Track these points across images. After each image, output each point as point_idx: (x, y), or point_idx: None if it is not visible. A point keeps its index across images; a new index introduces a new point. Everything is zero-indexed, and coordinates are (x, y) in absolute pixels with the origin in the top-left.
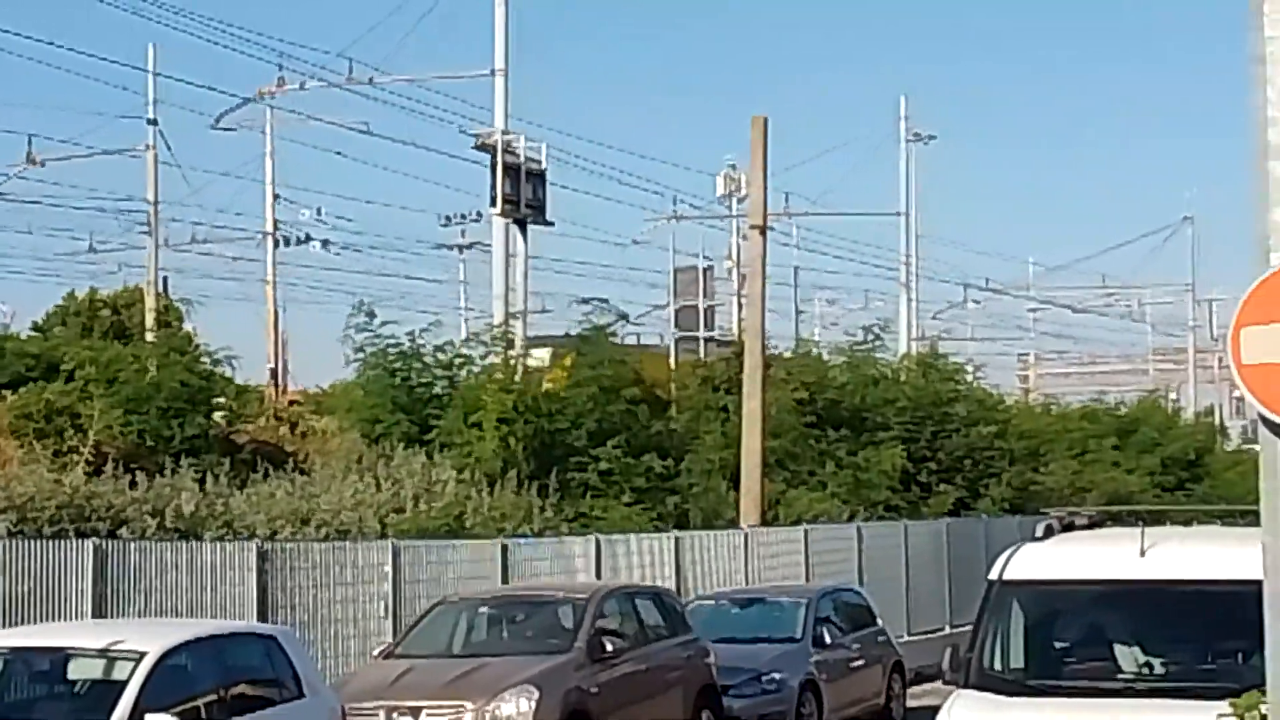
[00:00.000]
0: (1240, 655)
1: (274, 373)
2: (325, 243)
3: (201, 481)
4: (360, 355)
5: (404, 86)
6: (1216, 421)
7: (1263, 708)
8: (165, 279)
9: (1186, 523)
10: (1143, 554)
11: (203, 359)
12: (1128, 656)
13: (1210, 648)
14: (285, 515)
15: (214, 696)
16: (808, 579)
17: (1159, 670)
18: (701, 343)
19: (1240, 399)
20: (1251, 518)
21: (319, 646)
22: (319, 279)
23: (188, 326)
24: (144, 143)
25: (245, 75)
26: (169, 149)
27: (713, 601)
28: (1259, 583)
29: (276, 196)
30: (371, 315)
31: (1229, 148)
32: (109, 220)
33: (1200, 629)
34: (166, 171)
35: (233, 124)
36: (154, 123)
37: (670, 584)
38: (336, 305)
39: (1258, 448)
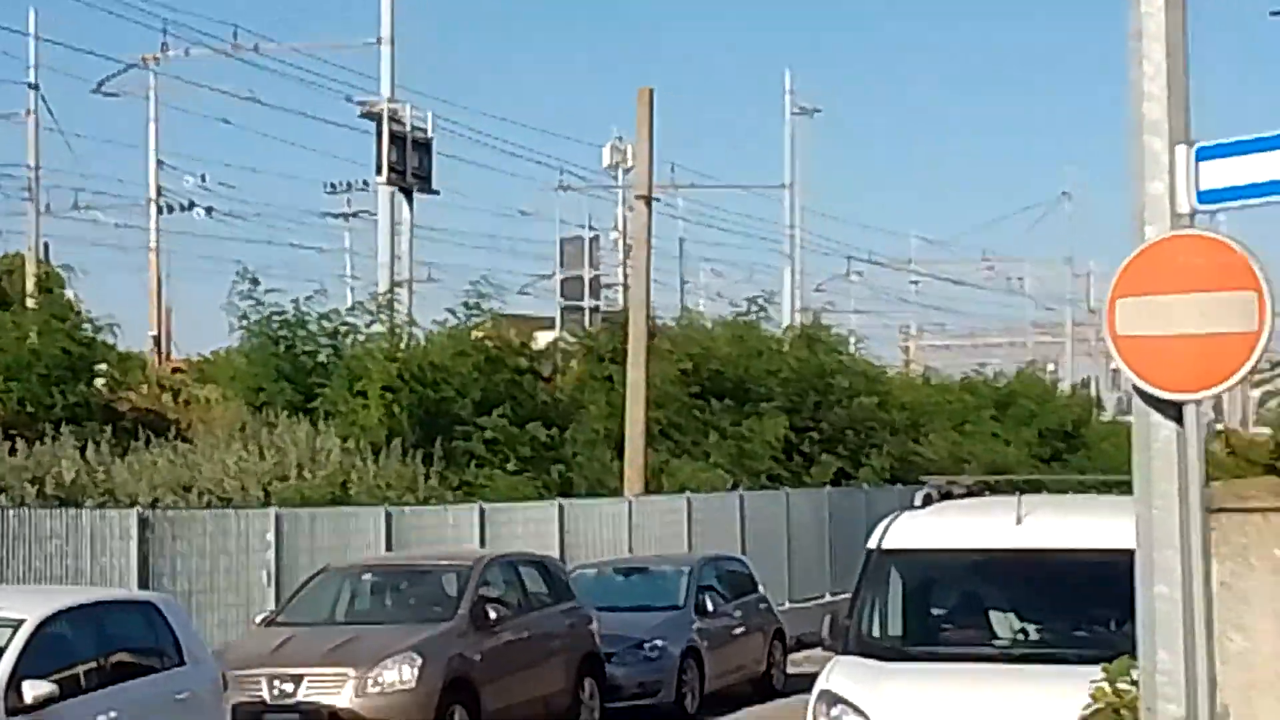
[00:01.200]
0: (1113, 623)
1: (157, 340)
2: (210, 210)
3: (82, 449)
4: (244, 323)
5: (290, 54)
6: (1093, 393)
7: (1133, 673)
8: (46, 245)
9: (1062, 493)
10: (1018, 523)
11: (84, 326)
12: (1003, 623)
13: (1084, 615)
14: (167, 483)
15: (93, 664)
16: (690, 548)
17: (1033, 637)
18: (587, 313)
19: (1116, 371)
20: (1125, 488)
21: (201, 614)
22: (203, 247)
23: (69, 293)
24: (25, 107)
25: (129, 41)
26: (50, 114)
27: (596, 570)
28: (1131, 552)
29: (160, 163)
30: (255, 283)
31: (1107, 123)
32: None
33: (1074, 597)
34: (48, 137)
35: (116, 90)
36: (35, 87)
37: (554, 552)
38: (221, 273)
39: (1132, 419)
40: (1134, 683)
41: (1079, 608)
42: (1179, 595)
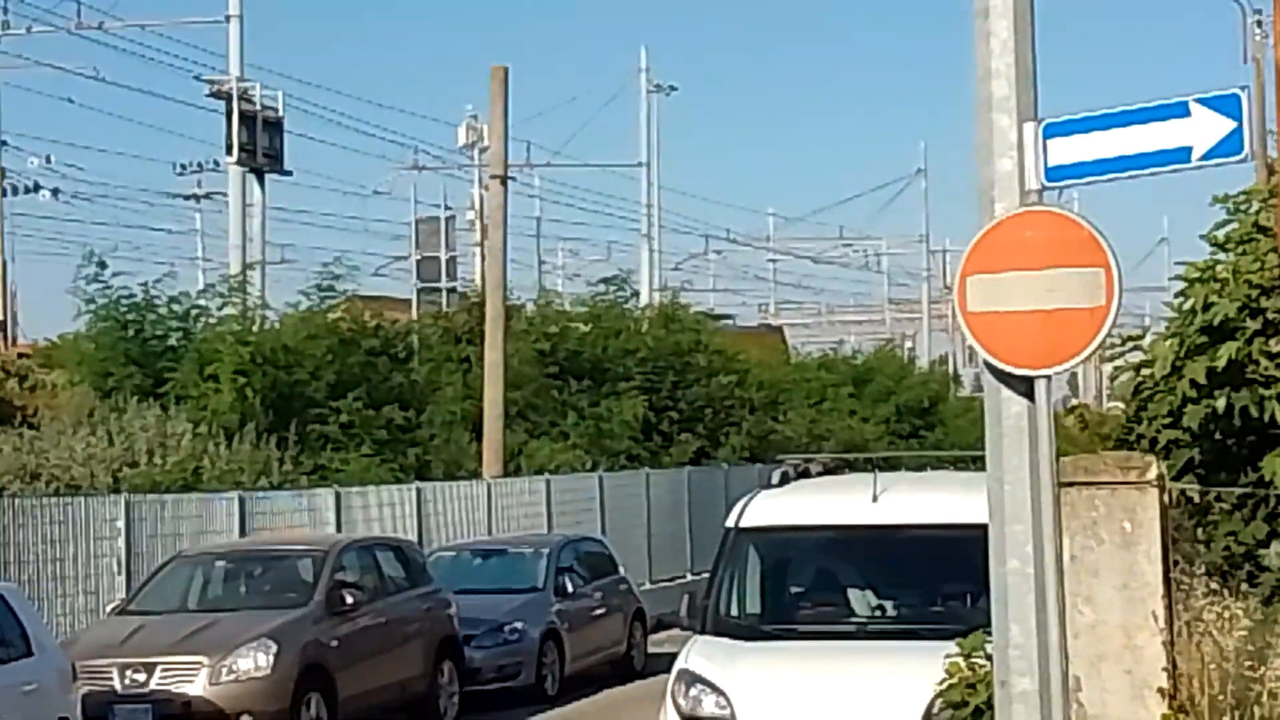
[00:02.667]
0: (968, 598)
1: (1, 325)
2: (55, 191)
3: None
4: (91, 307)
5: (135, 32)
6: (950, 370)
7: (987, 648)
8: None
9: (919, 469)
10: (874, 500)
11: None
12: (860, 600)
13: (939, 591)
14: (13, 470)
15: None
16: (550, 529)
17: (890, 613)
18: (444, 294)
19: (971, 348)
20: (981, 463)
21: (49, 604)
22: (49, 229)
23: None
24: None
25: None
26: None
27: (454, 553)
28: (985, 526)
29: (3, 143)
30: (103, 265)
31: (961, 100)
32: None
33: (930, 572)
34: None
35: None
36: None
37: (412, 536)
38: (67, 256)
39: (984, 395)
40: (988, 657)
41: (934, 583)
42: (1030, 569)
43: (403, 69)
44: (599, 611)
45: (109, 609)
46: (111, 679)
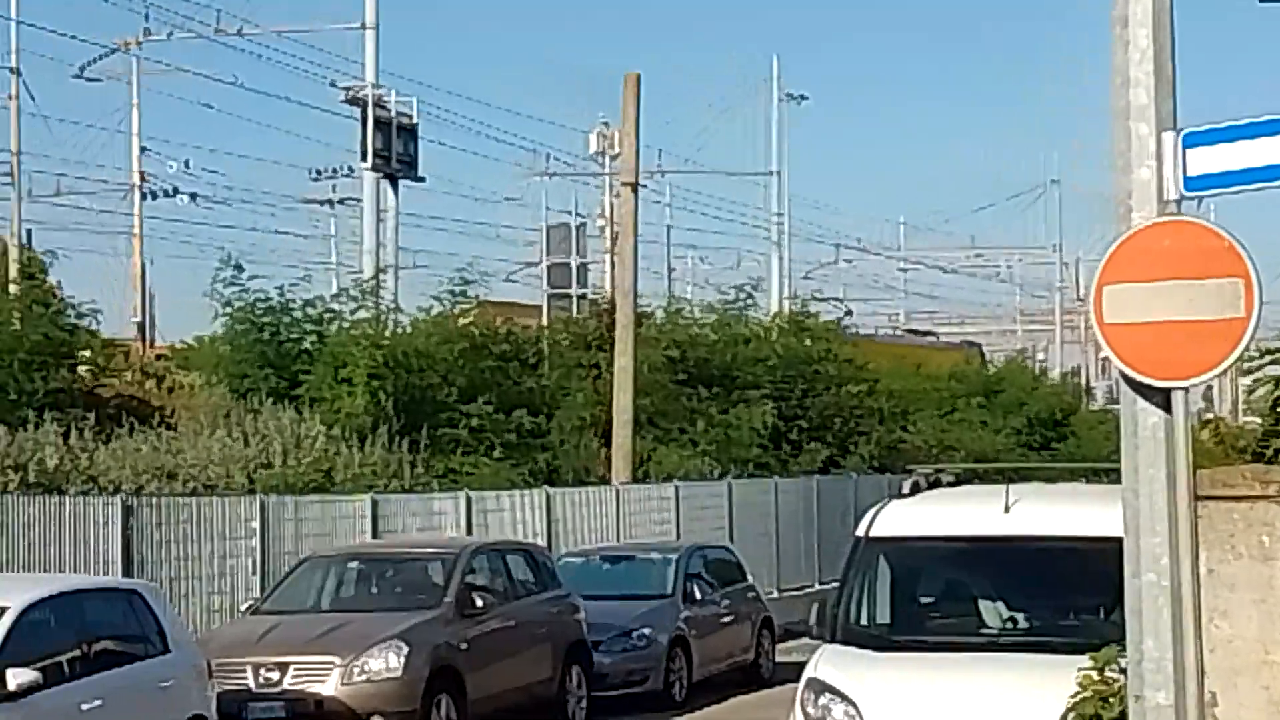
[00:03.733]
0: (1101, 611)
1: (140, 327)
2: (193, 196)
3: (65, 436)
4: (227, 310)
5: (273, 39)
6: (1082, 382)
7: (1121, 661)
8: (29, 231)
9: (1051, 481)
10: (1007, 511)
11: (67, 312)
12: (991, 612)
13: (1072, 603)
14: (151, 470)
15: (77, 652)
16: (678, 536)
17: (1022, 625)
18: (573, 300)
19: (1105, 359)
20: (1114, 476)
21: (185, 602)
22: (187, 232)
23: (51, 279)
24: (6, 92)
25: (111, 24)
26: (32, 99)
27: (583, 558)
28: (1120, 539)
29: (143, 149)
30: (239, 269)
31: (1095, 109)
32: None
33: (1062, 585)
34: (30, 122)
35: (98, 74)
36: (16, 72)
37: (541, 540)
38: (204, 259)
39: (1120, 406)
40: (1122, 671)
41: (1067, 596)
42: (1166, 582)
43: (535, 76)
44: (727, 619)
45: (243, 608)
46: (246, 677)
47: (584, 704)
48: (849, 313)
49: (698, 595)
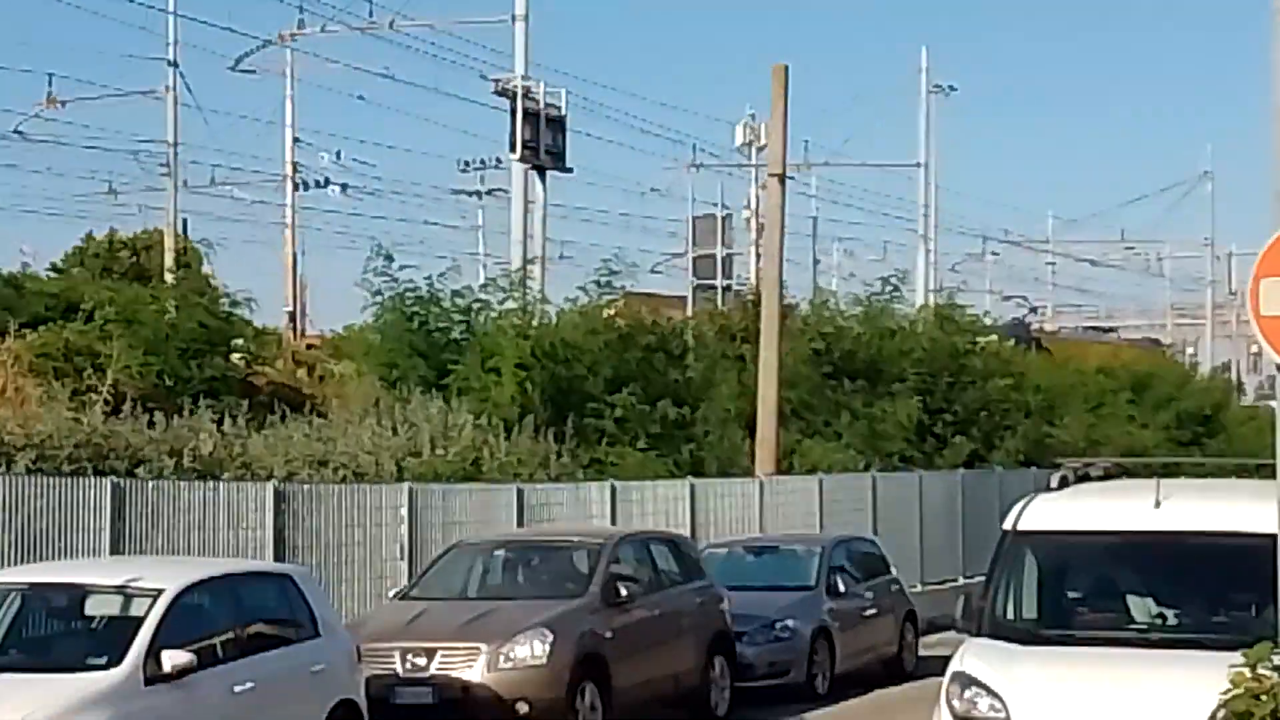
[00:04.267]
0: (1253, 608)
1: (292, 316)
2: (344, 187)
3: (219, 423)
4: (378, 299)
5: (424, 31)
6: (1233, 378)
7: (1275, 659)
8: (184, 221)
9: (1201, 477)
10: (1157, 506)
11: (221, 301)
12: (1140, 607)
13: (1223, 600)
14: (302, 457)
15: (230, 634)
16: (822, 528)
17: (1171, 621)
18: (719, 291)
19: (1257, 354)
20: (1266, 472)
21: (335, 587)
22: (338, 223)
23: (206, 269)
24: (164, 84)
25: (266, 18)
26: (189, 91)
27: (727, 549)
28: (1272, 536)
29: (296, 140)
30: (389, 259)
31: (1250, 101)
32: (129, 162)
33: (1213, 581)
34: (186, 113)
35: (253, 66)
36: (174, 64)
37: (685, 531)
38: (355, 250)
39: (1273, 403)
40: (1275, 668)
41: (1218, 592)
42: None
43: (683, 68)
44: (870, 611)
45: (392, 594)
46: (394, 662)
47: (727, 694)
48: (1033, 310)
49: (841, 588)
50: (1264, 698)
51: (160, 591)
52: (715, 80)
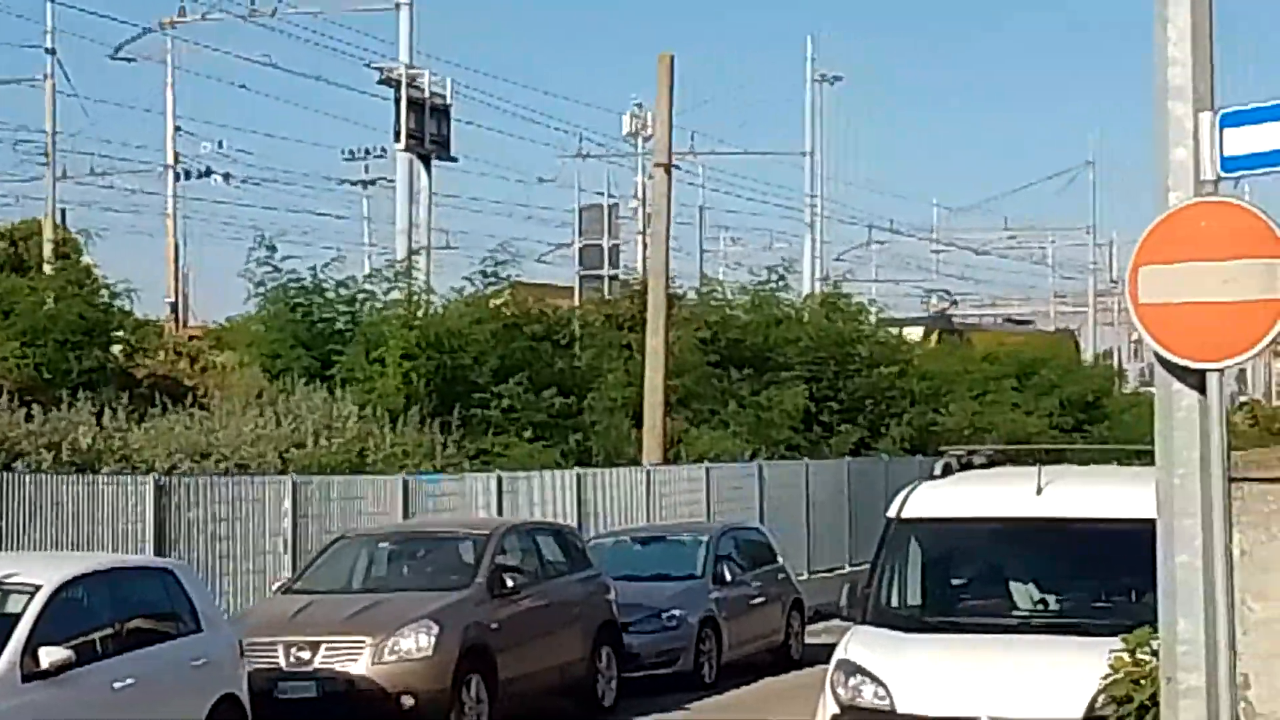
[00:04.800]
0: (1133, 593)
1: (174, 307)
2: (227, 176)
3: (99, 415)
4: (261, 290)
5: (308, 19)
6: (1115, 364)
7: (1154, 643)
8: (63, 211)
9: (1084, 463)
10: (1039, 492)
11: (101, 292)
12: (1023, 593)
13: (1104, 585)
14: (184, 450)
15: (110, 630)
16: (709, 517)
17: (1053, 607)
18: (606, 281)
19: (1138, 341)
20: (1147, 458)
21: (217, 581)
22: (221, 213)
23: (86, 259)
24: (42, 72)
25: (147, 5)
26: (68, 79)
27: (614, 539)
28: (1153, 521)
29: (177, 129)
30: (273, 249)
31: (1132, 92)
32: (5, 151)
33: (1094, 567)
34: (65, 102)
35: (133, 54)
36: (52, 52)
37: (572, 521)
38: (238, 240)
39: (1155, 388)
40: (1154, 653)
41: (1099, 578)
42: (1199, 564)
43: (569, 57)
44: (757, 600)
45: (275, 587)
46: (277, 656)
47: (614, 684)
48: (954, 303)
49: (728, 576)
50: (1144, 682)
51: (38, 587)
52: (602, 69)
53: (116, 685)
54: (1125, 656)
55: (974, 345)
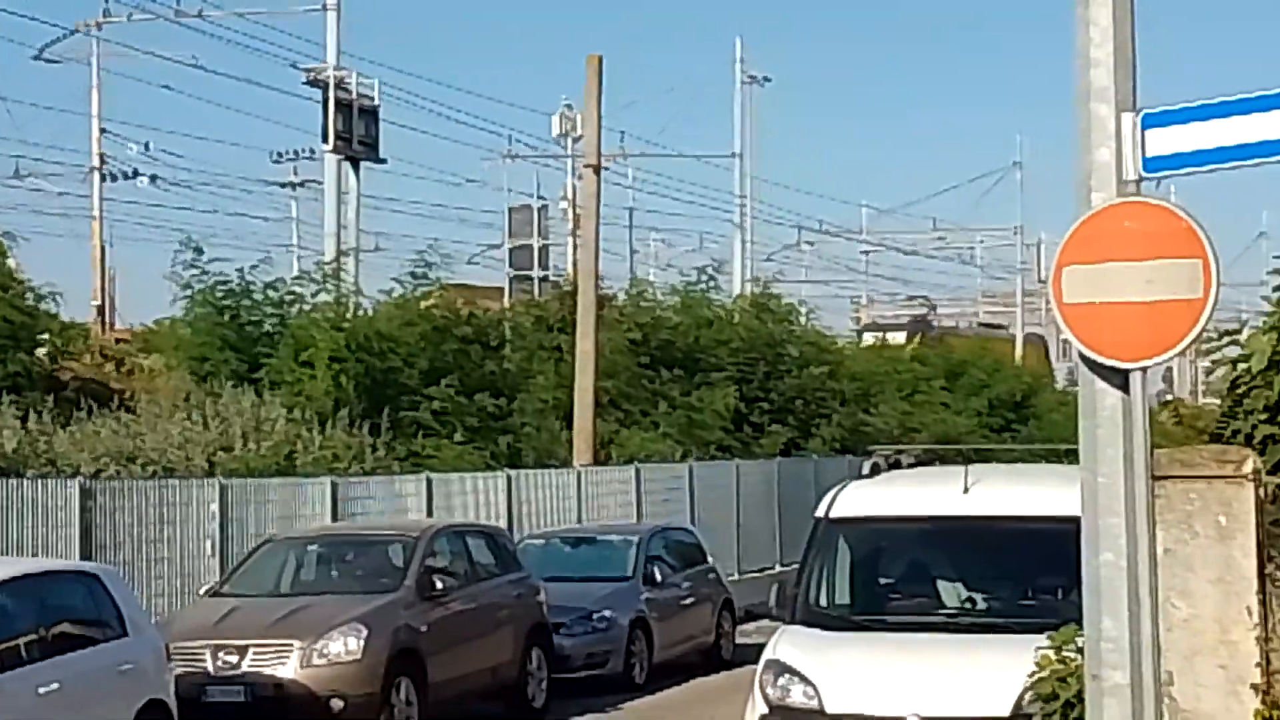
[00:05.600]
0: (1059, 591)
1: (100, 310)
2: (154, 178)
3: (24, 419)
4: (188, 293)
5: (234, 20)
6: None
7: (1079, 641)
8: None
9: (1011, 462)
10: (966, 491)
11: (26, 295)
12: (950, 592)
13: (1031, 584)
14: (110, 453)
15: (35, 635)
16: (639, 518)
17: (981, 605)
18: (536, 282)
19: (1066, 341)
20: (1073, 457)
21: (144, 585)
22: (148, 215)
23: (10, 262)
24: None
25: (71, 6)
26: None
27: (544, 540)
28: (1078, 519)
29: (103, 130)
30: (199, 251)
31: (1056, 93)
32: None
33: (1021, 565)
34: None
35: (57, 56)
36: None
37: (502, 523)
38: (165, 242)
39: (1078, 387)
40: (1079, 650)
41: (1026, 576)
42: (1124, 562)
43: (498, 58)
44: (688, 601)
45: (202, 591)
46: (205, 660)
47: (545, 686)
48: (933, 308)
49: (659, 577)
50: (1069, 679)
51: None
52: (531, 70)
53: (41, 690)
54: (1051, 654)
55: (954, 350)
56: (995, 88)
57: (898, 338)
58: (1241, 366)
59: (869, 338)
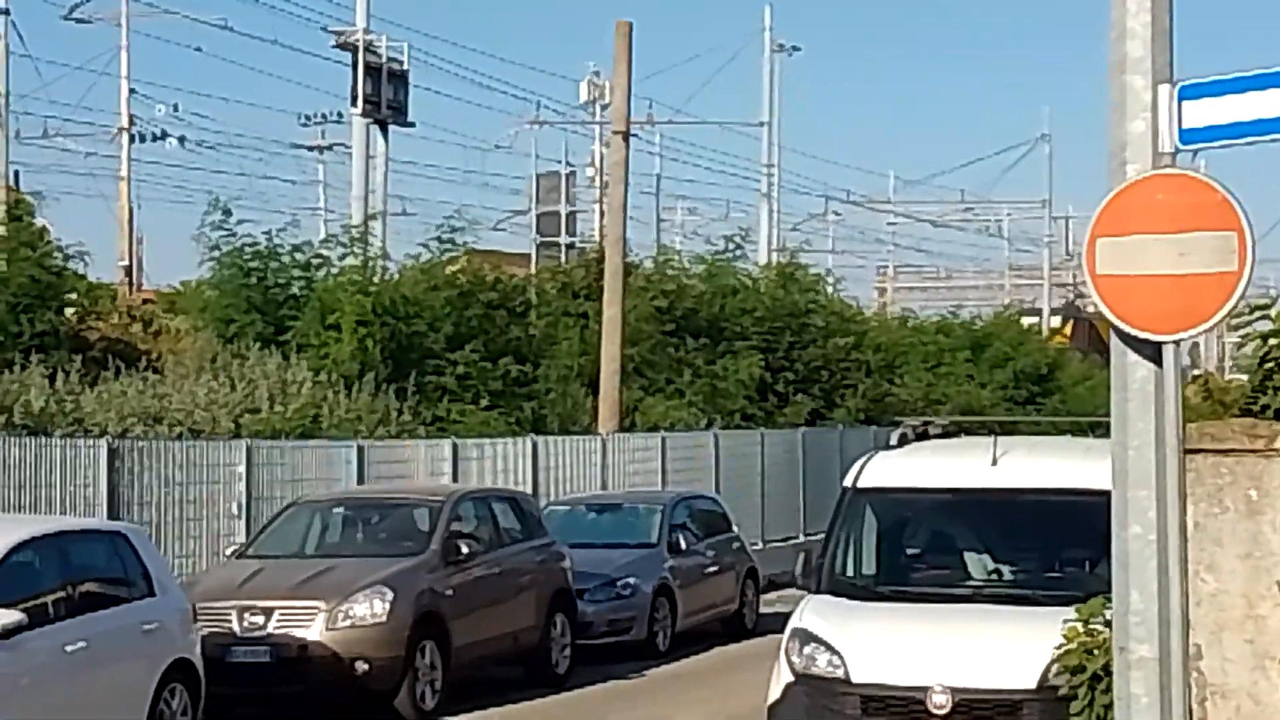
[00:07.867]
0: (1087, 563)
1: (127, 270)
2: (182, 140)
3: (51, 378)
4: (215, 254)
5: None
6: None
7: (1106, 614)
8: (16, 173)
9: (1037, 435)
10: (994, 463)
11: (54, 255)
12: (977, 563)
13: (1058, 556)
14: (137, 414)
15: (62, 593)
16: (664, 486)
17: (1007, 577)
18: (562, 249)
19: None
20: (1101, 430)
21: (170, 546)
22: (175, 176)
23: (39, 221)
24: None
25: None
26: (21, 40)
27: (569, 506)
28: (1106, 493)
29: (132, 91)
30: (227, 213)
31: (1087, 65)
32: None
33: (1048, 537)
34: (18, 63)
35: (87, 16)
36: (5, 12)
37: (527, 488)
38: (193, 203)
39: (1110, 358)
40: (1107, 623)
41: (1053, 548)
42: (1153, 536)
43: (527, 24)
44: (711, 569)
45: (228, 552)
46: (230, 621)
47: (568, 652)
48: (1081, 295)
49: (683, 545)
50: (1096, 652)
51: None
52: (560, 36)
53: (68, 648)
54: (1078, 627)
55: (1101, 333)
56: (1026, 59)
57: (1053, 321)
58: (1272, 341)
59: (1027, 321)
